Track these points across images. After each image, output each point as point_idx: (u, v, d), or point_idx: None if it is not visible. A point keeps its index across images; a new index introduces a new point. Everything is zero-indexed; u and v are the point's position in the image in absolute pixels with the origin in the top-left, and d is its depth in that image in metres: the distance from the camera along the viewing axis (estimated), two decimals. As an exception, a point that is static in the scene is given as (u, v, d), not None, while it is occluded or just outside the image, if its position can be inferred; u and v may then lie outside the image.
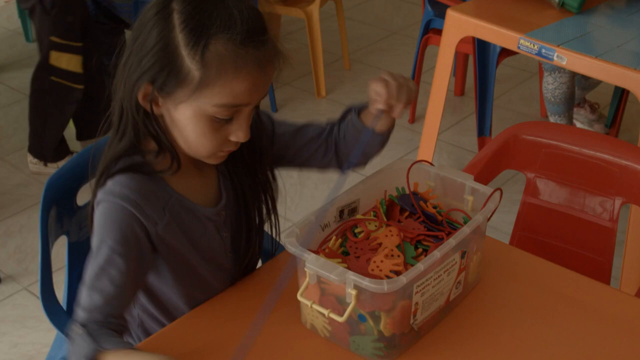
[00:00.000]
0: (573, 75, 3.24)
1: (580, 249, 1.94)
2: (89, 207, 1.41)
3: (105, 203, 1.35)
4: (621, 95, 3.47)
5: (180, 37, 1.27)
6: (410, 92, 1.44)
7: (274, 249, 1.63)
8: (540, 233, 1.98)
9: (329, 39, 4.33)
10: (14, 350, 2.51)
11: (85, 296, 1.30)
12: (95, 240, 1.34)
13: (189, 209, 1.43)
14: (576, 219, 1.93)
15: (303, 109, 3.83)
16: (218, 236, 1.48)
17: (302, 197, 3.24)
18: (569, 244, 1.95)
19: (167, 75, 1.28)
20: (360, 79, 4.12)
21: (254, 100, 1.33)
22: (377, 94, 1.42)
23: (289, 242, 1.33)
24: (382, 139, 1.55)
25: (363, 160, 1.60)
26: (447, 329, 1.42)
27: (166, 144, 1.37)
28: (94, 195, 1.38)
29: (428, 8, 3.49)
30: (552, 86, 3.23)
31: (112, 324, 1.29)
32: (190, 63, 1.27)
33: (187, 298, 1.49)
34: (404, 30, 4.70)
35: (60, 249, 1.68)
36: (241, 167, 1.49)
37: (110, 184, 1.36)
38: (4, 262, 2.86)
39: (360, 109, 1.54)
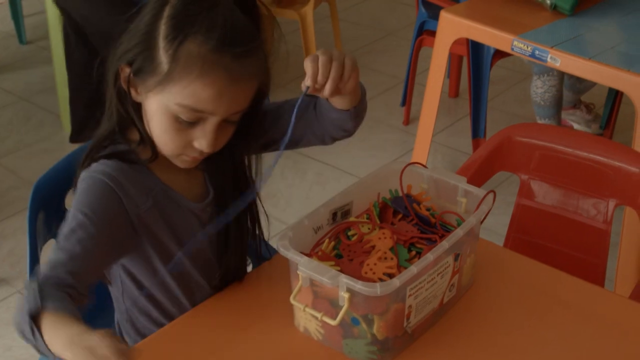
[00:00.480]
0: (562, 78, 3.24)
1: (575, 251, 1.94)
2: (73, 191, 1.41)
3: (87, 179, 1.36)
4: (615, 96, 3.47)
5: (162, 29, 1.29)
6: (341, 68, 1.31)
7: (259, 249, 1.61)
8: (534, 235, 1.98)
9: (323, 40, 4.33)
10: (8, 353, 2.50)
11: (51, 254, 1.28)
12: (71, 211, 1.33)
13: (173, 199, 1.44)
14: (570, 220, 1.93)
15: (297, 110, 3.84)
16: (207, 232, 1.48)
17: (295, 198, 3.23)
18: (563, 246, 1.95)
19: (143, 60, 1.31)
20: (354, 81, 4.10)
21: (221, 111, 1.31)
22: (306, 70, 1.32)
23: (282, 245, 1.33)
24: (349, 115, 1.44)
25: (343, 134, 1.50)
26: (440, 332, 1.42)
27: (141, 130, 1.38)
28: (77, 177, 1.39)
29: (422, 10, 3.48)
30: (541, 90, 3.23)
31: (70, 285, 1.23)
32: (163, 55, 1.29)
33: (178, 291, 1.49)
34: (399, 32, 4.70)
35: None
36: (223, 168, 1.49)
37: (94, 165, 1.38)
38: (-2, 265, 2.86)
39: None
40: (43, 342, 1.13)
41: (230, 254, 1.50)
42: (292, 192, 3.27)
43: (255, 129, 1.48)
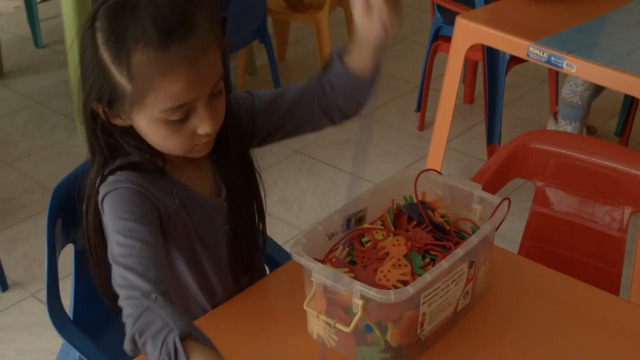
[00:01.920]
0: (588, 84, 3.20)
1: (590, 259, 1.93)
2: (88, 209, 1.39)
3: (114, 191, 1.34)
4: (631, 103, 3.45)
5: (105, 56, 1.27)
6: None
7: (264, 244, 1.61)
8: (549, 242, 1.97)
9: (338, 45, 4.32)
10: (21, 357, 2.51)
11: (116, 271, 1.24)
12: (109, 223, 1.31)
13: (194, 198, 1.44)
14: (585, 228, 1.92)
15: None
16: (222, 228, 1.49)
17: (309, 204, 3.23)
18: (578, 254, 1.94)
19: (109, 92, 1.30)
20: (369, 86, 4.10)
21: (201, 92, 1.30)
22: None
23: (295, 252, 1.33)
24: (369, 82, 1.43)
25: (355, 107, 1.48)
26: (454, 340, 1.41)
27: (131, 152, 1.37)
28: (96, 193, 1.37)
29: (437, 15, 3.48)
30: (581, 87, 3.17)
31: (163, 287, 1.22)
32: (120, 79, 1.27)
33: (200, 290, 1.50)
34: (413, 37, 4.69)
35: (67, 255, 1.67)
36: (230, 164, 1.48)
37: (111, 178, 1.36)
38: (12, 269, 2.86)
39: (343, 52, 1.47)
40: None
41: (239, 239, 1.50)
42: (306, 198, 3.26)
43: (252, 123, 1.49)
